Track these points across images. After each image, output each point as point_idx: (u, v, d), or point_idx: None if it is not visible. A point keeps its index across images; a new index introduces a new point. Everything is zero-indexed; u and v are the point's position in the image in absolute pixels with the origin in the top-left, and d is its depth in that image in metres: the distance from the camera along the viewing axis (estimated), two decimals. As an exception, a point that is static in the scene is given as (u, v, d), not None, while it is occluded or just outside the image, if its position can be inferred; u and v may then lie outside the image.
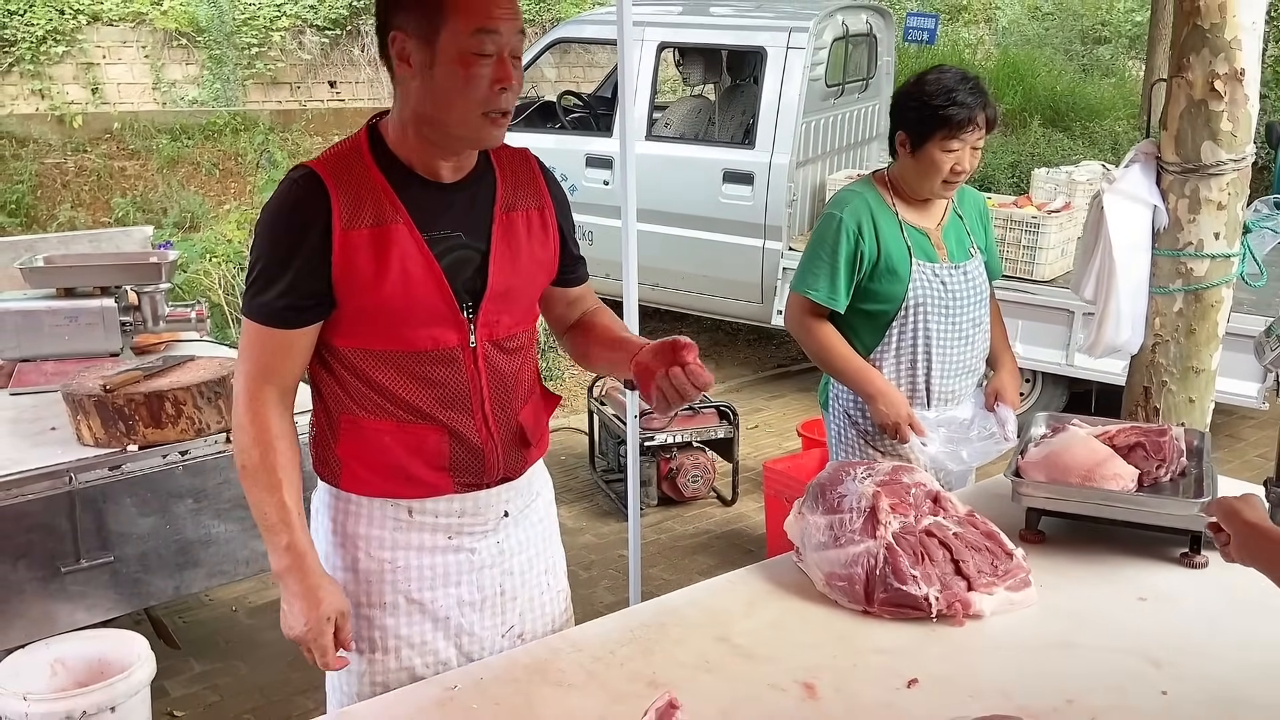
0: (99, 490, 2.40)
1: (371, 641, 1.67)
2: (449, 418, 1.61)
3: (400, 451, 1.60)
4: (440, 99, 1.49)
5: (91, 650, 2.47)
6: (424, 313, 1.56)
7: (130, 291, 2.97)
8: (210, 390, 2.52)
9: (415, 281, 1.54)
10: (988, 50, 13.72)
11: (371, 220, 1.52)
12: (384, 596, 1.66)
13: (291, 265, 1.51)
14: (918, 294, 2.40)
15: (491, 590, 1.72)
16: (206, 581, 2.64)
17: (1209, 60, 2.33)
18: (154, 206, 7.67)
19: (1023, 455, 2.10)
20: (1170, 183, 2.43)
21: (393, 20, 1.49)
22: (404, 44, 1.48)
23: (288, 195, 1.53)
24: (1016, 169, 8.98)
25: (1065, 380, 4.89)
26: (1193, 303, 2.45)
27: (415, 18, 1.47)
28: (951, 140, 2.29)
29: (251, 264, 1.58)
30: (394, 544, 1.65)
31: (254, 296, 1.55)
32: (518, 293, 1.65)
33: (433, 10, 1.45)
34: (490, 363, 1.63)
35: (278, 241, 1.53)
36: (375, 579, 1.65)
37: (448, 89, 1.48)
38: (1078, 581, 1.87)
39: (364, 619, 1.67)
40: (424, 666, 1.68)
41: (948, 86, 2.28)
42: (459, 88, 1.48)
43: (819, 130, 5.87)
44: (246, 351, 1.58)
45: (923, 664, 1.61)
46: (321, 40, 10.42)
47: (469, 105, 1.49)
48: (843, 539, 1.81)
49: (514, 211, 1.64)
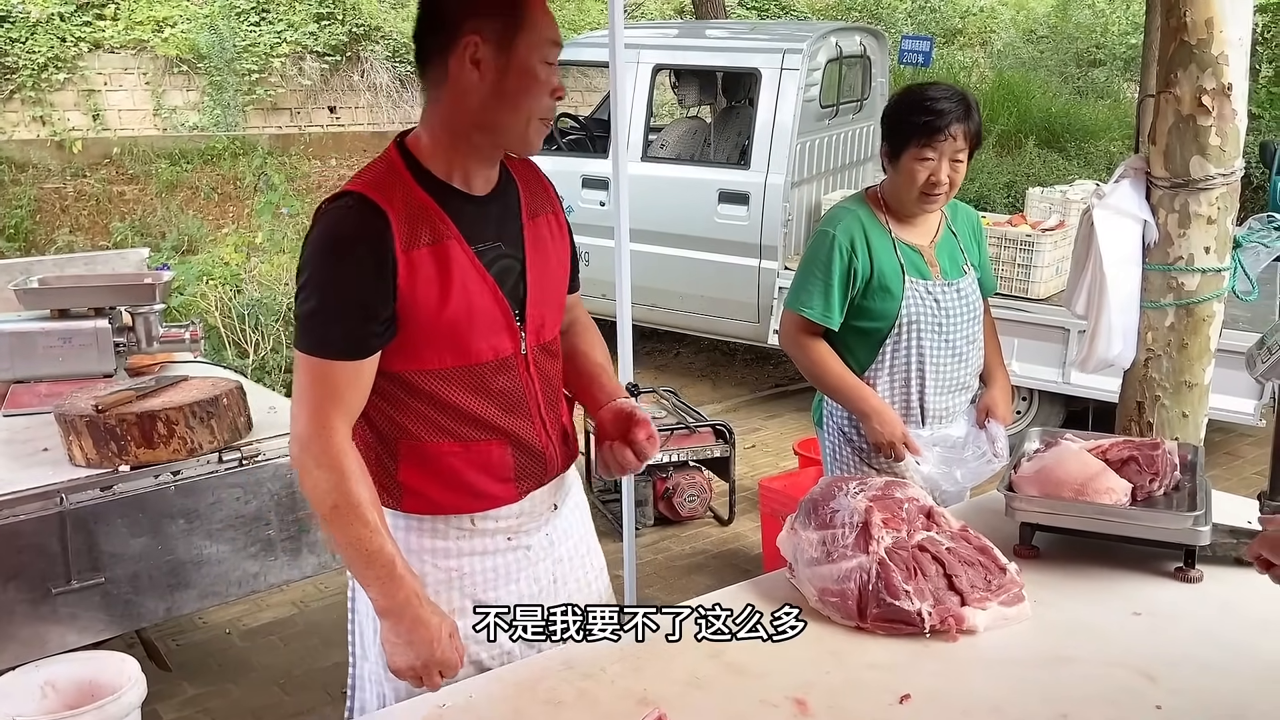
0: (90, 511, 2.39)
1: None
2: (511, 425, 1.65)
3: (468, 471, 1.64)
4: (507, 102, 1.53)
5: (82, 672, 2.44)
6: (485, 325, 1.60)
7: (124, 313, 2.98)
8: (203, 410, 2.52)
9: (474, 295, 1.58)
10: (983, 73, 13.81)
11: (429, 239, 1.54)
12: (453, 603, 1.69)
13: (357, 293, 1.50)
14: (911, 311, 2.40)
15: (546, 580, 1.78)
16: (199, 603, 2.63)
17: (1196, 76, 2.35)
18: (152, 230, 7.70)
19: (1016, 470, 2.10)
20: (1160, 198, 2.43)
21: (467, 24, 1.51)
22: (478, 48, 1.51)
23: (343, 222, 1.52)
24: (1012, 189, 9.03)
25: (1062, 398, 4.89)
26: (1184, 317, 2.45)
27: (494, 24, 1.51)
28: (925, 149, 2.29)
29: (306, 297, 1.54)
30: (459, 552, 1.69)
31: (315, 330, 1.53)
32: (552, 295, 1.72)
33: (512, 18, 1.51)
34: (539, 366, 1.69)
35: (339, 271, 1.51)
36: (444, 587, 1.69)
37: (516, 93, 1.53)
38: (1072, 596, 1.86)
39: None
40: (490, 659, 1.71)
41: (925, 96, 2.29)
42: (527, 92, 1.53)
43: (814, 151, 5.90)
44: (312, 388, 1.54)
45: (916, 680, 1.60)
46: (321, 66, 10.49)
47: (531, 110, 1.55)
48: (835, 554, 1.80)
49: (537, 217, 1.70)
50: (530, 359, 1.67)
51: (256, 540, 2.63)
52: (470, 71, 1.52)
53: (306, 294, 1.54)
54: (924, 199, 2.36)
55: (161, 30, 9.87)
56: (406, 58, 10.94)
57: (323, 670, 3.27)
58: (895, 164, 2.36)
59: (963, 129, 2.29)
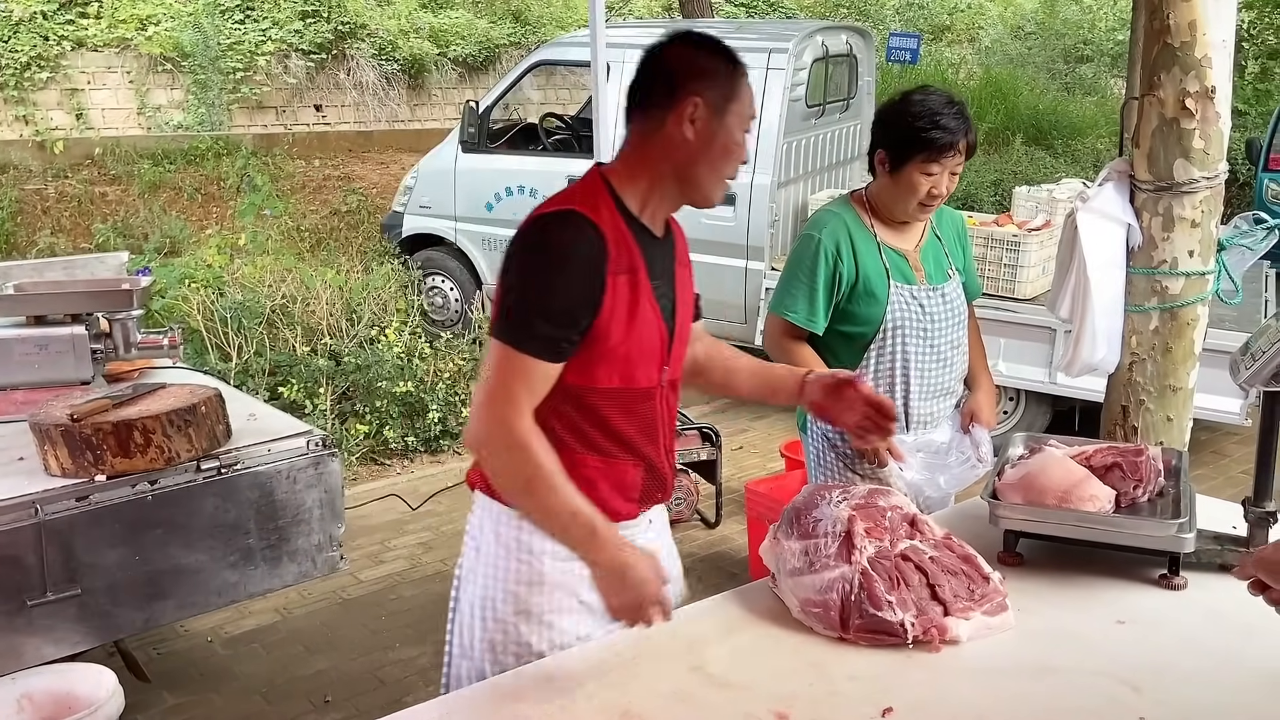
0: (66, 521, 2.35)
1: (553, 642, 1.80)
2: (646, 449, 1.79)
3: (603, 485, 1.75)
4: (710, 162, 1.70)
5: (59, 685, 2.42)
6: (649, 354, 1.74)
7: (101, 319, 2.93)
8: (180, 418, 2.48)
9: (649, 325, 1.72)
10: (970, 70, 13.83)
11: (627, 267, 1.68)
12: (561, 602, 1.80)
13: (569, 302, 1.62)
14: (896, 316, 2.39)
15: None
16: (177, 613, 2.59)
17: (1180, 78, 2.34)
18: (134, 232, 7.64)
19: (1000, 477, 2.08)
20: (1144, 201, 2.42)
21: (691, 86, 1.67)
22: (697, 109, 1.67)
23: (569, 234, 1.64)
24: (999, 187, 9.03)
25: (1048, 399, 4.89)
26: (1168, 321, 2.44)
27: (715, 93, 1.68)
28: (931, 164, 2.28)
29: (520, 294, 1.63)
30: (571, 555, 1.73)
31: (524, 326, 1.63)
32: (687, 336, 1.89)
33: (730, 90, 1.69)
34: (668, 398, 1.83)
35: (559, 279, 1.62)
36: (559, 588, 1.79)
37: (719, 155, 1.70)
38: (1056, 605, 1.85)
39: (545, 624, 1.79)
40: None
41: (932, 109, 2.27)
42: (728, 156, 1.71)
43: (800, 151, 5.89)
44: (508, 378, 1.63)
45: (898, 691, 1.59)
46: (307, 65, 10.44)
47: (724, 170, 1.73)
48: (818, 564, 1.79)
49: (683, 265, 1.87)
50: (664, 390, 1.80)
51: (236, 549, 2.59)
52: (686, 128, 1.68)
53: (520, 292, 1.63)
54: (921, 209, 2.36)
55: (145, 29, 9.80)
56: (393, 55, 10.89)
57: (306, 678, 3.24)
58: (896, 173, 2.33)
59: (965, 142, 2.30)
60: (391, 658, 3.37)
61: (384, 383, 4.99)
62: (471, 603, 1.83)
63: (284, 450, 2.67)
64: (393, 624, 3.57)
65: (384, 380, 5.00)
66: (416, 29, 11.26)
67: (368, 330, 5.48)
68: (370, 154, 10.42)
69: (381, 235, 7.53)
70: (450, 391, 5.13)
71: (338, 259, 6.87)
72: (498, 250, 6.52)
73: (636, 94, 1.74)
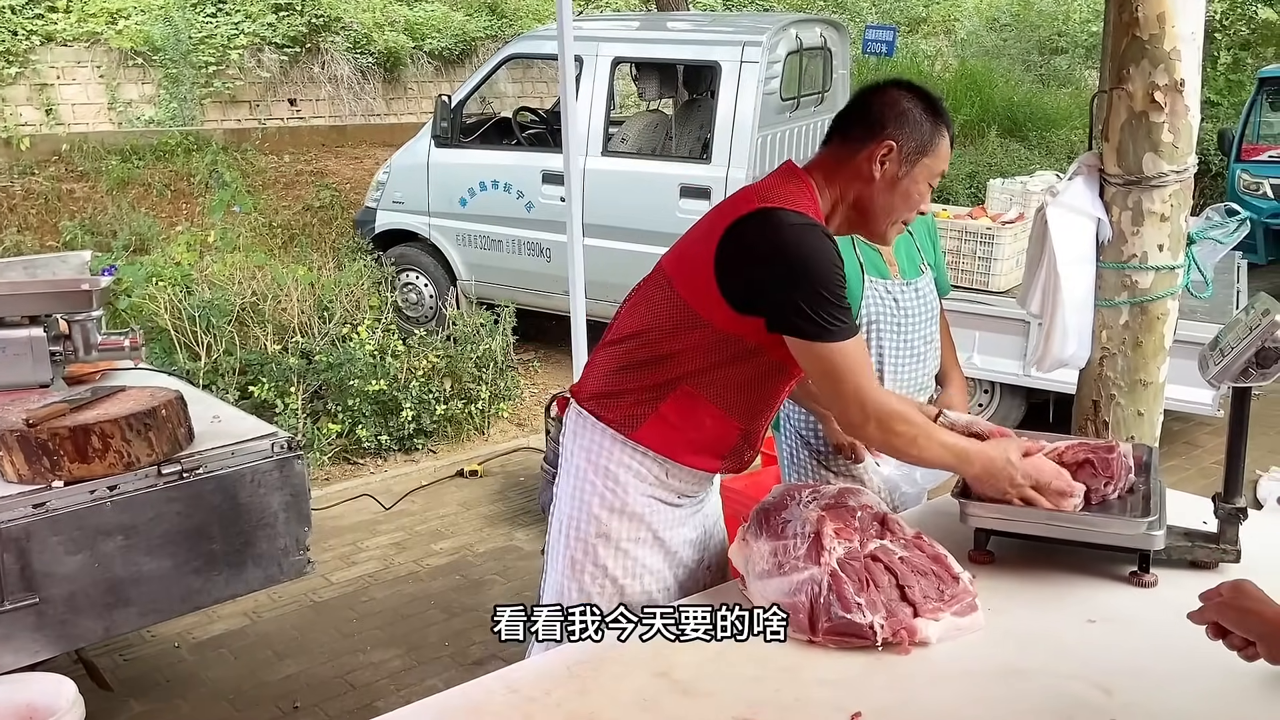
0: (22, 529, 2.30)
1: (626, 568, 1.95)
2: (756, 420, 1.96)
3: (711, 431, 1.91)
4: (890, 203, 1.87)
5: (19, 695, 2.37)
6: None
7: (60, 320, 2.87)
8: (139, 422, 2.43)
9: None
10: (946, 62, 13.85)
11: None
12: (639, 532, 1.95)
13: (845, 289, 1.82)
14: (871, 311, 2.37)
15: (701, 532, 2.06)
16: (139, 621, 2.55)
17: (1149, 71, 2.32)
18: (103, 229, 7.51)
19: None
20: (1113, 195, 2.41)
21: (891, 131, 1.84)
22: (889, 153, 1.84)
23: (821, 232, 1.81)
24: (974, 179, 9.05)
25: (1023, 391, 4.90)
26: (1139, 315, 2.43)
27: (912, 143, 1.85)
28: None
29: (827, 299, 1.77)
30: (652, 492, 1.95)
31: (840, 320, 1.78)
32: None
33: (927, 146, 1.86)
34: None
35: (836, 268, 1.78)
36: (637, 519, 1.94)
37: (898, 200, 1.87)
38: (1026, 604, 1.83)
39: (622, 551, 1.94)
40: (657, 592, 1.98)
41: None
42: (907, 203, 1.88)
43: (775, 144, 5.87)
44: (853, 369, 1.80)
45: (867, 695, 1.56)
46: (281, 58, 10.31)
47: (901, 214, 1.90)
48: (786, 566, 1.76)
49: None
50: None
51: (199, 555, 2.55)
52: (875, 167, 1.84)
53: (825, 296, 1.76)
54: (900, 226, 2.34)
55: (115, 22, 9.64)
56: (368, 49, 10.78)
57: (274, 683, 3.20)
58: None
59: None
60: (362, 661, 3.33)
61: (356, 381, 4.94)
62: (560, 520, 2.00)
63: (248, 452, 2.63)
64: (364, 626, 3.53)
65: (356, 378, 4.94)
66: (391, 22, 11.15)
67: (340, 328, 5.41)
68: (344, 149, 10.31)
69: (354, 231, 7.45)
70: (424, 389, 5.08)
71: (310, 255, 6.79)
72: (472, 246, 6.47)
73: (845, 121, 1.91)
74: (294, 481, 2.69)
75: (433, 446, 5.13)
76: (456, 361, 5.31)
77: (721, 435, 1.93)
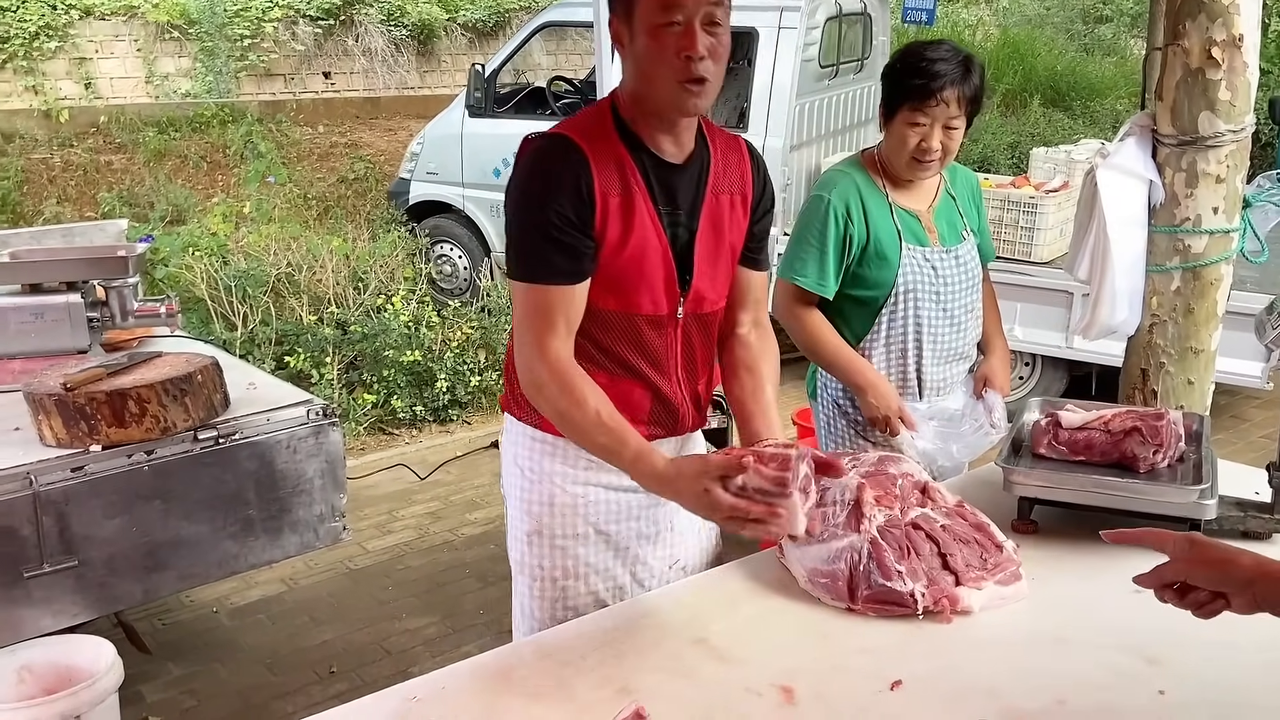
0: (61, 492, 2.31)
1: (565, 569, 1.83)
2: (653, 377, 1.77)
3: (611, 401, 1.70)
4: (641, 72, 1.63)
5: (59, 656, 2.40)
6: (650, 282, 1.69)
7: (98, 286, 2.89)
8: (176, 387, 2.43)
9: (649, 250, 1.68)
10: (988, 31, 13.57)
11: (620, 189, 1.65)
12: (577, 528, 1.82)
13: (563, 220, 1.60)
14: (908, 279, 2.31)
15: (664, 525, 1.88)
16: (176, 585, 2.56)
17: (1206, 26, 2.23)
18: (140, 200, 7.59)
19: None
20: (1166, 156, 2.33)
21: (612, 7, 1.66)
22: (617, 27, 1.65)
23: (549, 156, 1.63)
24: (1016, 149, 8.88)
25: (1065, 363, 4.81)
26: (1191, 281, 2.36)
27: (621, 4, 1.64)
28: (917, 114, 2.19)
29: (521, 227, 1.64)
30: (585, 480, 1.80)
31: (533, 256, 1.62)
32: (719, 270, 1.79)
33: None
34: (687, 333, 1.78)
35: (546, 201, 1.60)
36: (569, 512, 1.81)
37: (644, 61, 1.62)
38: (1071, 574, 1.79)
39: (559, 549, 1.82)
40: (605, 592, 1.84)
41: (921, 57, 2.18)
42: (652, 59, 1.60)
43: (813, 112, 5.78)
44: (533, 315, 1.64)
45: (907, 664, 1.53)
46: (315, 30, 10.32)
47: (664, 75, 1.60)
48: (825, 534, 1.73)
49: (721, 194, 1.77)
50: (682, 325, 1.76)
51: (236, 520, 2.55)
52: (618, 49, 1.67)
53: (519, 224, 1.65)
54: (914, 165, 2.26)
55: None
56: (401, 20, 10.76)
57: (311, 649, 3.23)
58: (888, 126, 2.26)
59: (957, 93, 2.18)
60: (397, 628, 3.34)
61: (391, 351, 4.95)
62: (509, 518, 1.90)
63: (283, 419, 2.63)
64: (399, 594, 3.55)
65: (391, 349, 4.95)
66: (424, -7, 11.12)
67: (374, 299, 5.42)
68: (378, 121, 10.32)
69: (388, 203, 7.46)
70: (458, 360, 5.08)
71: (344, 227, 6.81)
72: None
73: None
74: (329, 448, 2.69)
75: (467, 418, 5.14)
76: (491, 333, 5.30)
77: (625, 398, 1.74)
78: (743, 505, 1.44)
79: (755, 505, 1.43)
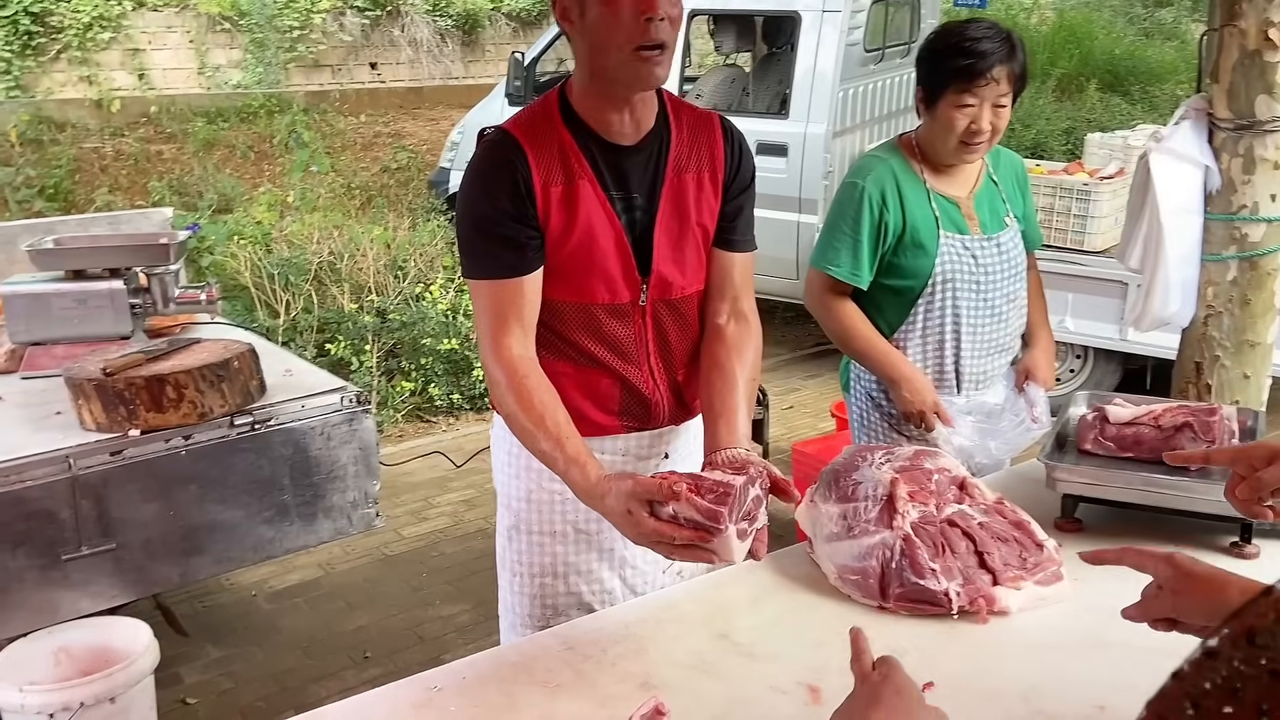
0: (100, 476, 2.35)
1: (543, 566, 1.79)
2: (620, 367, 1.71)
3: (576, 393, 1.69)
4: (597, 44, 1.55)
5: (96, 638, 2.44)
6: (604, 269, 1.64)
7: (140, 274, 2.92)
8: (213, 373, 2.45)
9: (598, 237, 1.63)
10: (1043, 14, 13.28)
11: (563, 178, 1.61)
12: (554, 525, 1.78)
13: (501, 215, 1.59)
14: (946, 269, 2.24)
15: None
16: (213, 568, 2.59)
17: (1263, 7, 2.14)
18: (189, 190, 7.71)
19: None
20: (1223, 141, 2.24)
21: None
22: (565, 3, 1.57)
23: (487, 155, 1.62)
24: (1071, 135, 8.68)
25: (1119, 356, 4.68)
26: (1247, 271, 2.27)
27: None
28: (965, 95, 2.11)
29: (463, 225, 1.64)
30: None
31: (475, 253, 1.62)
32: (686, 254, 1.71)
33: None
34: (658, 320, 1.72)
35: (485, 198, 1.60)
36: (546, 508, 1.77)
37: (599, 31, 1.53)
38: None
39: (536, 545, 1.79)
40: (590, 594, 1.79)
41: (965, 34, 2.10)
42: (607, 26, 1.52)
43: (857, 98, 5.68)
44: (483, 314, 1.63)
45: (940, 665, 1.48)
46: (362, 21, 10.41)
47: (620, 43, 1.52)
48: (856, 529, 1.68)
49: (685, 173, 1.69)
50: (649, 311, 1.70)
51: (271, 505, 2.57)
52: (567, 26, 1.59)
53: (462, 223, 1.64)
54: (963, 149, 2.18)
55: (202, -14, 9.84)
56: (447, 11, 10.82)
57: (346, 634, 3.25)
58: (931, 110, 2.18)
59: (1006, 71, 2.10)
60: (431, 614, 3.36)
61: (429, 340, 4.97)
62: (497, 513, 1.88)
63: (318, 406, 2.64)
64: (434, 581, 3.56)
65: (429, 337, 4.97)
66: (469, -17, 11.16)
67: (413, 287, 5.45)
68: (421, 110, 10.40)
69: (429, 192, 7.49)
70: (496, 349, 5.08)
71: (386, 216, 6.86)
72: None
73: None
74: (363, 436, 2.69)
75: (505, 406, 5.14)
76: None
77: (593, 389, 1.71)
78: (667, 531, 1.37)
79: (681, 531, 1.36)
